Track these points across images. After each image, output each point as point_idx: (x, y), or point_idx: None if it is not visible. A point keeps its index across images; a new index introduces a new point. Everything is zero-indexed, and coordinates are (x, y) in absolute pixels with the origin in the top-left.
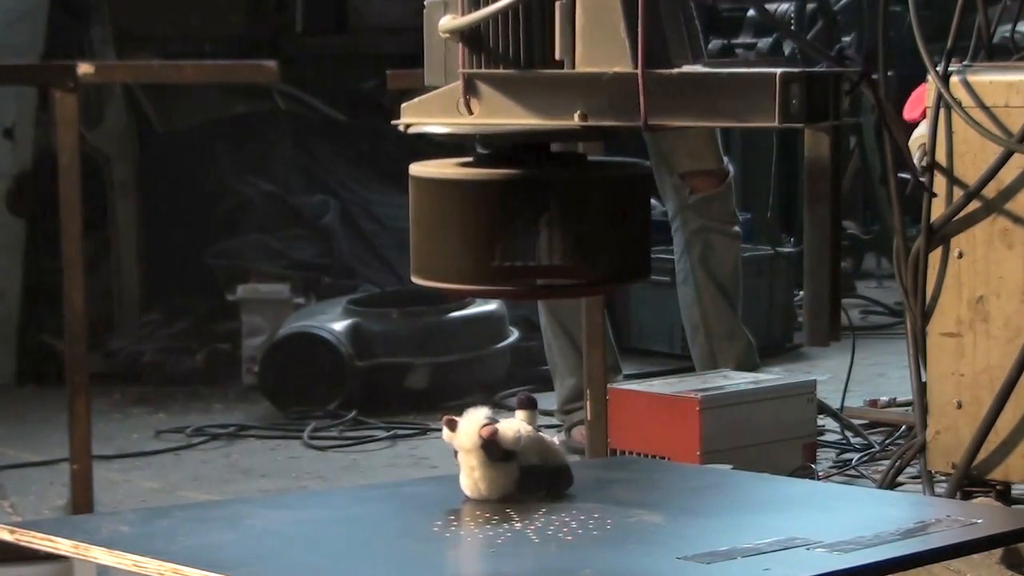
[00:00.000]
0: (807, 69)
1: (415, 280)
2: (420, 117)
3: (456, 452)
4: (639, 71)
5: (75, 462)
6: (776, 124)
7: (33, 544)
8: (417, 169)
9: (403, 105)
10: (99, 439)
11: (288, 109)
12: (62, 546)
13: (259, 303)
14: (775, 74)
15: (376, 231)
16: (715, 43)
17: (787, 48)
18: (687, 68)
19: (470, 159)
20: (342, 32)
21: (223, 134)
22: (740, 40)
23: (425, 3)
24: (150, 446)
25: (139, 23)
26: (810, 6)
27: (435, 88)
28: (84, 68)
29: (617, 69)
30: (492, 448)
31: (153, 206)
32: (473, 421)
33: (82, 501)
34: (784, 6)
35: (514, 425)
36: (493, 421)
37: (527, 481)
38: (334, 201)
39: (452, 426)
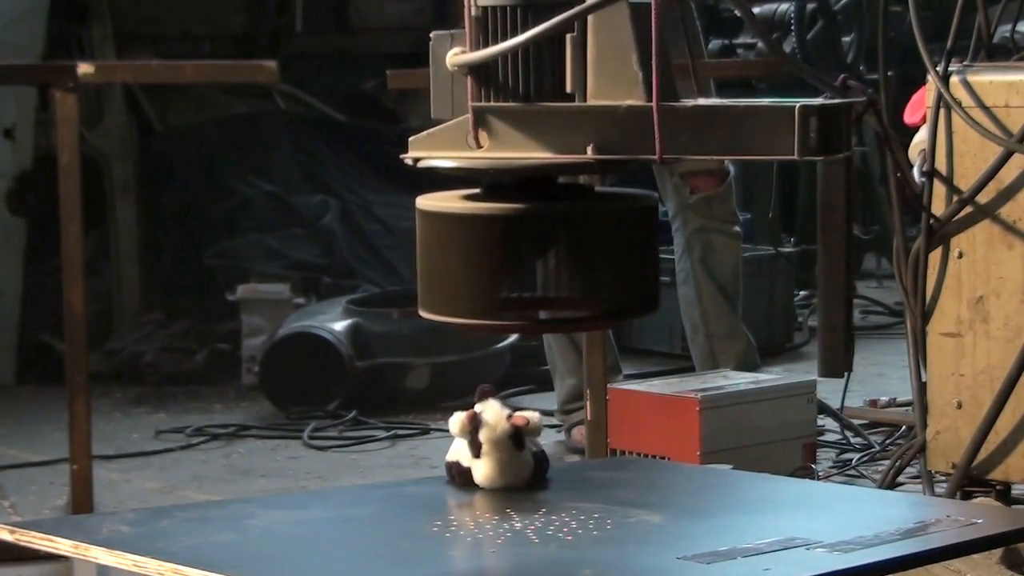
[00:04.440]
0: (821, 101)
1: (422, 313)
2: (429, 151)
3: (479, 445)
4: (654, 105)
5: (75, 462)
6: (796, 158)
7: (33, 544)
8: (424, 202)
9: (411, 139)
10: (99, 439)
11: (288, 109)
12: (62, 546)
13: (259, 303)
14: (794, 107)
15: (376, 231)
16: (715, 43)
17: (787, 48)
18: (702, 100)
19: (476, 190)
20: (342, 32)
21: (223, 134)
22: (740, 40)
23: (431, 36)
24: (150, 446)
25: (139, 23)
26: (810, 6)
27: (442, 121)
28: (84, 68)
29: (630, 102)
30: (520, 437)
31: (153, 206)
32: (496, 412)
33: (82, 501)
34: (784, 6)
35: (525, 414)
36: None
37: (537, 467)
38: (334, 201)
39: (475, 419)
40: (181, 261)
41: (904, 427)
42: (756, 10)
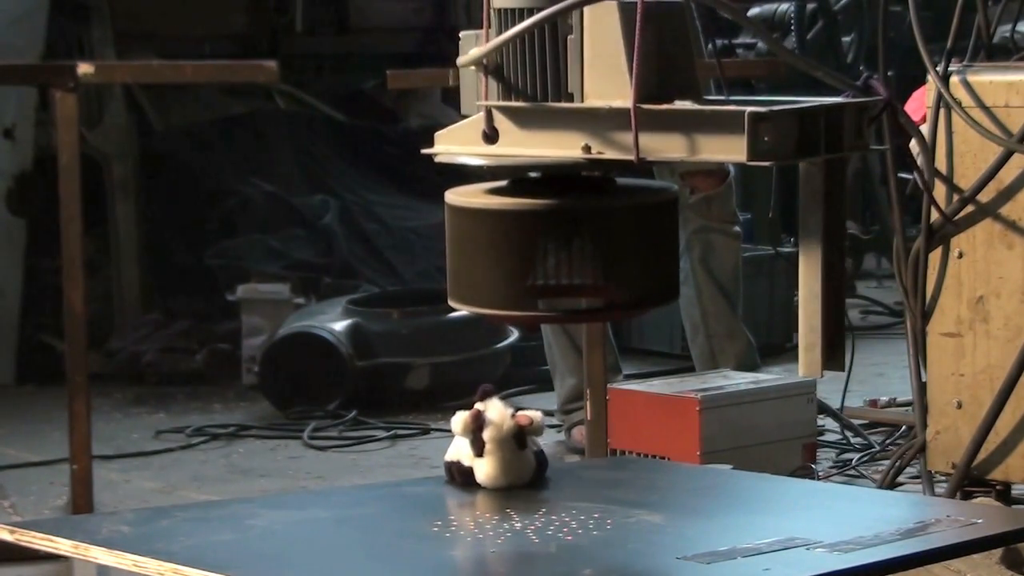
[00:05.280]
0: (801, 102)
1: (452, 304)
2: (448, 146)
3: (482, 444)
4: (631, 106)
5: (75, 462)
6: (745, 161)
7: (33, 544)
8: (453, 197)
9: (436, 134)
10: (99, 439)
11: (288, 109)
12: (62, 546)
13: (259, 303)
14: (744, 112)
15: (376, 231)
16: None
17: (787, 46)
18: (678, 103)
19: (503, 184)
20: (342, 32)
21: (223, 134)
22: (740, 40)
23: (460, 35)
24: (150, 446)
25: (139, 23)
26: (810, 6)
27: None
28: (84, 68)
29: (615, 103)
30: (523, 436)
31: (153, 206)
32: (500, 411)
33: (82, 501)
34: (784, 6)
35: (528, 413)
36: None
37: (537, 466)
38: (334, 201)
39: (479, 418)
40: (181, 261)
41: (904, 427)
42: (756, 10)
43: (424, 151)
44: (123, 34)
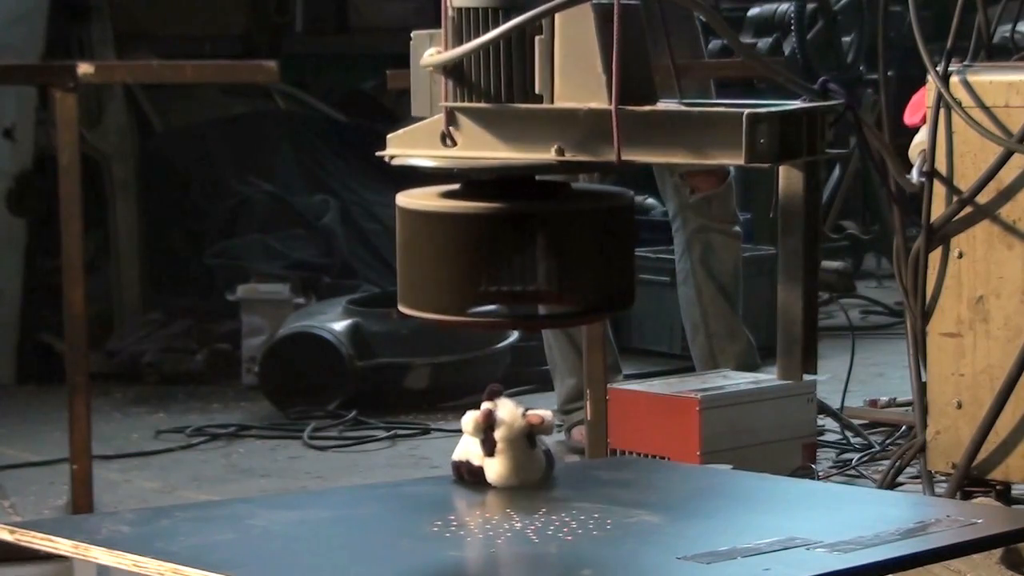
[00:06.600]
0: (781, 104)
1: (401, 309)
2: (404, 148)
3: (493, 444)
4: (613, 107)
5: (75, 462)
6: (743, 163)
7: (33, 544)
8: (403, 200)
9: (388, 136)
10: (99, 439)
11: (288, 109)
12: (62, 546)
13: (259, 303)
14: (742, 113)
15: (376, 231)
16: (715, 43)
17: (787, 48)
18: (660, 105)
19: (456, 187)
20: (342, 32)
21: (223, 134)
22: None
23: (412, 35)
24: (150, 446)
25: (139, 23)
26: (810, 6)
27: (422, 119)
28: (84, 68)
29: (593, 104)
30: (533, 435)
31: (153, 206)
32: (511, 410)
33: (82, 501)
34: (784, 6)
35: (539, 412)
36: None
37: (547, 465)
38: (334, 201)
39: (489, 417)
40: (181, 261)
41: (904, 427)
42: (756, 10)
43: (378, 153)
44: (123, 34)
